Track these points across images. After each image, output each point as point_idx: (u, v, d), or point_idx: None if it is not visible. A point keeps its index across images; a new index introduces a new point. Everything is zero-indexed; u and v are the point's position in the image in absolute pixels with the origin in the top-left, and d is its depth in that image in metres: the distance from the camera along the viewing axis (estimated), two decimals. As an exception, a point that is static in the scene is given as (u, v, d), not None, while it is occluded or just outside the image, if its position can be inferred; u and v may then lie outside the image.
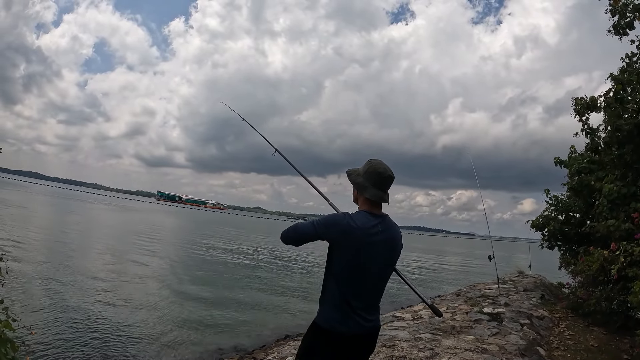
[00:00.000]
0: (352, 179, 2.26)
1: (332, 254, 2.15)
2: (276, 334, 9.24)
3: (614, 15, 8.21)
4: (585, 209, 9.81)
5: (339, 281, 2.11)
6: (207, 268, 17.40)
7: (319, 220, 2.16)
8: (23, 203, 44.04)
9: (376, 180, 2.17)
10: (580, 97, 8.84)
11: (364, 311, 2.12)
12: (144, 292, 11.42)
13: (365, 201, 2.19)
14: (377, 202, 2.18)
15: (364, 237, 2.06)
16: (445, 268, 31.23)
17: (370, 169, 2.20)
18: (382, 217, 2.18)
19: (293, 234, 2.23)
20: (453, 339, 5.32)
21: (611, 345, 6.50)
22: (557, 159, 10.14)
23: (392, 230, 2.20)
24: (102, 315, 8.76)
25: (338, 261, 2.12)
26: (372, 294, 2.18)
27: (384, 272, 2.21)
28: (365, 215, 2.13)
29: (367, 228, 2.08)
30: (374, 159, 2.25)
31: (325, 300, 2.18)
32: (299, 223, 2.25)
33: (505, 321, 6.57)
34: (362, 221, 2.09)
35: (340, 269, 2.11)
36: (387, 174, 2.19)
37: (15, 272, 10.87)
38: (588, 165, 9.41)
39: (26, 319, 7.15)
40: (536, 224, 10.75)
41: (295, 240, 2.24)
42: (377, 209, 2.19)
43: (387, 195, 2.20)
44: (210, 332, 8.96)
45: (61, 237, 20.57)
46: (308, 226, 2.17)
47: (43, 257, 14.16)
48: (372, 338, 2.23)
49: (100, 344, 7.20)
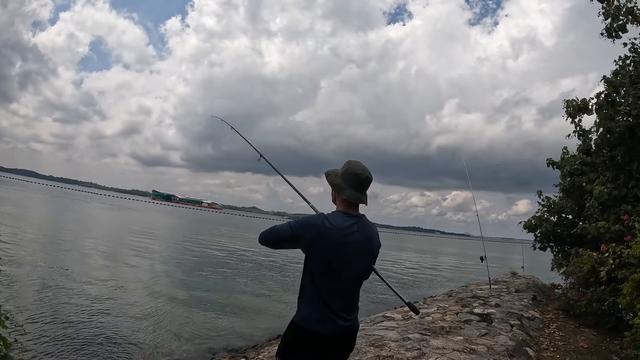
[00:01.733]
0: (330, 179, 2.28)
1: (308, 254, 2.16)
2: (268, 334, 9.19)
3: (607, 18, 8.24)
4: (577, 210, 9.85)
5: (316, 281, 2.12)
6: (199, 268, 17.27)
7: (295, 221, 2.17)
8: (19, 201, 43.69)
9: (354, 182, 2.18)
10: (572, 99, 8.88)
11: (342, 311, 2.13)
12: (136, 292, 11.32)
13: (342, 202, 2.21)
14: (353, 202, 2.19)
15: (340, 237, 2.08)
16: (439, 269, 31.27)
17: (348, 170, 2.21)
18: (358, 217, 2.19)
19: (269, 235, 2.23)
20: (442, 339, 5.32)
21: (601, 346, 6.51)
22: (549, 160, 10.19)
23: (368, 230, 2.20)
24: (95, 315, 8.71)
25: (314, 261, 2.13)
26: (349, 294, 2.19)
27: (360, 272, 2.21)
28: (341, 216, 2.14)
29: (342, 228, 2.09)
30: (352, 160, 2.26)
31: (302, 299, 2.19)
32: (276, 225, 2.25)
33: (495, 322, 6.58)
34: (337, 221, 2.10)
35: (316, 268, 2.13)
36: (364, 175, 2.20)
37: (9, 271, 10.80)
38: (580, 167, 9.44)
39: (19, 317, 7.12)
40: (529, 225, 10.80)
41: (272, 242, 2.24)
42: (354, 209, 2.20)
43: (364, 197, 2.21)
44: (202, 332, 8.90)
45: (57, 236, 20.40)
46: (285, 227, 2.18)
47: (38, 256, 14.03)
48: (350, 338, 2.24)
49: (92, 342, 7.16)
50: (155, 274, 14.89)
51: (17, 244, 15.85)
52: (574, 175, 9.52)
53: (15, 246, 15.33)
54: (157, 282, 13.32)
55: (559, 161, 10.08)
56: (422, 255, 44.83)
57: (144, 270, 14.95)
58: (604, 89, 8.26)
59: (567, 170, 9.65)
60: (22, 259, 13.12)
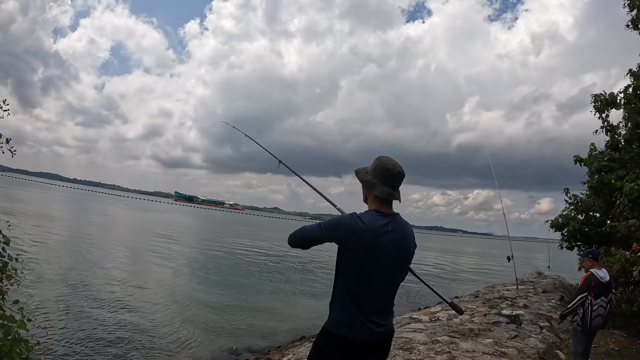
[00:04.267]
0: (361, 176, 2.15)
1: (341, 256, 2.05)
2: (291, 335, 9.23)
3: (632, 10, 8.04)
4: (606, 208, 9.62)
5: (348, 284, 2.01)
6: (222, 268, 17.52)
7: (325, 222, 2.06)
8: (46, 203, 45.19)
9: (385, 177, 2.05)
10: (600, 94, 8.67)
11: (375, 315, 2.01)
12: (159, 293, 11.50)
13: (374, 199, 2.08)
14: (386, 199, 2.06)
15: (373, 237, 1.95)
16: (462, 269, 30.85)
17: (379, 165, 2.09)
18: (392, 215, 2.06)
19: (300, 236, 2.13)
20: (471, 341, 5.26)
21: (632, 348, 6.36)
22: (576, 157, 9.93)
23: (404, 229, 2.08)
24: (118, 315, 8.83)
25: (346, 263, 2.02)
26: (384, 297, 2.07)
27: (395, 274, 2.08)
28: (374, 215, 2.01)
29: (375, 228, 1.96)
30: (382, 156, 2.14)
31: (334, 304, 2.07)
32: (306, 226, 2.14)
33: (524, 324, 6.47)
34: (370, 220, 1.98)
35: (348, 271, 2.01)
36: (396, 170, 2.07)
37: (35, 270, 11.15)
38: (608, 164, 9.22)
39: (41, 317, 7.21)
40: (555, 223, 10.59)
41: (302, 243, 2.14)
42: (387, 207, 2.07)
43: (397, 193, 2.08)
44: (225, 332, 8.96)
45: (82, 237, 20.86)
46: (314, 228, 2.07)
47: (62, 257, 14.40)
48: (385, 343, 2.11)
49: (115, 342, 7.25)
50: (179, 273, 15.13)
51: (45, 243, 16.40)
52: (602, 172, 9.29)
53: (43, 245, 15.86)
54: (179, 282, 13.55)
55: (586, 158, 9.83)
56: (444, 254, 44.29)
57: (167, 270, 15.21)
58: (630, 82, 8.05)
59: (595, 167, 9.41)
60: (47, 258, 13.49)
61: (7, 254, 2.91)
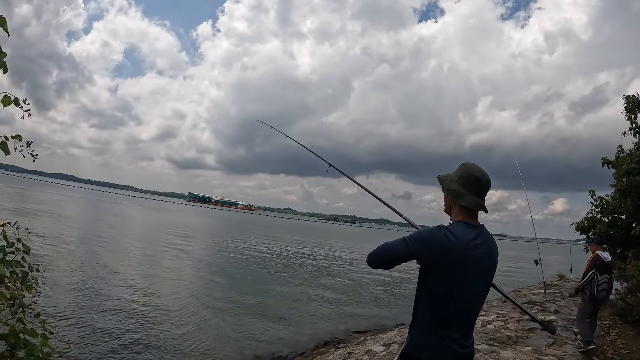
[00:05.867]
0: (446, 185, 2.01)
1: (427, 273, 1.89)
2: (314, 341, 9.08)
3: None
4: (633, 211, 9.47)
5: (436, 304, 1.86)
6: (241, 272, 17.49)
7: (411, 237, 1.88)
8: (63, 204, 45.83)
9: (473, 186, 1.92)
10: (632, 95, 8.54)
11: (460, 336, 1.86)
12: (179, 300, 11.31)
13: (460, 210, 1.94)
14: (474, 210, 1.93)
15: (465, 251, 1.81)
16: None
17: (466, 173, 1.95)
18: (479, 227, 1.92)
19: (382, 255, 1.95)
20: (510, 350, 5.19)
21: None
22: (604, 160, 9.77)
23: (491, 242, 1.95)
24: (139, 323, 8.69)
25: (435, 281, 1.86)
26: (470, 316, 1.94)
27: (482, 290, 1.96)
28: (463, 227, 1.87)
29: (467, 241, 1.83)
30: (468, 163, 2.00)
31: (416, 325, 1.93)
32: (387, 243, 1.95)
33: (558, 330, 6.40)
34: (460, 233, 1.83)
35: (437, 291, 1.85)
36: (485, 179, 1.94)
37: (54, 275, 11.06)
38: (637, 166, 9.06)
39: (62, 326, 7.19)
40: (581, 226, 10.46)
41: (386, 263, 1.97)
42: (474, 218, 1.93)
43: (484, 202, 1.95)
44: (246, 339, 8.82)
45: (100, 239, 21.02)
46: (399, 245, 1.89)
47: (81, 261, 14.36)
48: None
49: (137, 352, 7.17)
50: (198, 277, 15.12)
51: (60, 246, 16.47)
52: (630, 174, 9.14)
53: (59, 247, 15.97)
54: (198, 286, 13.51)
55: (614, 160, 9.68)
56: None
57: (186, 276, 15.11)
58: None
59: (623, 169, 9.26)
60: (64, 262, 13.55)
61: (27, 263, 2.81)
